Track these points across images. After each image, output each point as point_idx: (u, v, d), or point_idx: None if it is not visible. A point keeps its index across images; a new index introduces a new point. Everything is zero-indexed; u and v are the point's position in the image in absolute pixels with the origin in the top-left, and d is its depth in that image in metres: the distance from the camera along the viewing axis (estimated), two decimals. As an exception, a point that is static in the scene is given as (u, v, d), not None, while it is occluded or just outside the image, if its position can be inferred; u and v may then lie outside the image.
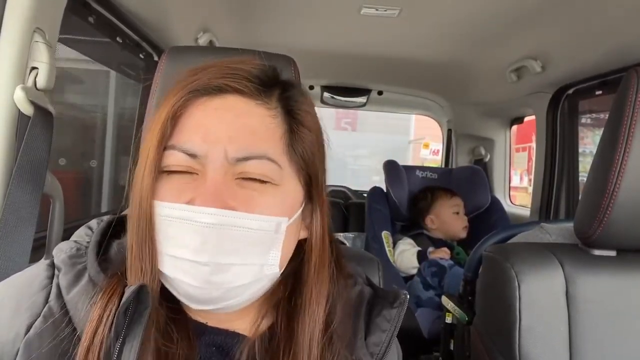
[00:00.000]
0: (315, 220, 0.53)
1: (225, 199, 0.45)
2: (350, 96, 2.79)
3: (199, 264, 0.44)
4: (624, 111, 0.81)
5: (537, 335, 0.85)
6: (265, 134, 0.48)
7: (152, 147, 0.46)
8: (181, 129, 0.47)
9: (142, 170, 0.47)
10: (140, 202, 0.46)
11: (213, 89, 0.48)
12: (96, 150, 1.70)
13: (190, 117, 0.47)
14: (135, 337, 0.42)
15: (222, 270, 0.45)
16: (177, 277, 0.45)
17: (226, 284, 0.46)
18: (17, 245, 0.79)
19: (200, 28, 1.62)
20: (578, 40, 1.54)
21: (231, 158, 0.46)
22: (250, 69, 0.50)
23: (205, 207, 0.44)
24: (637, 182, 0.81)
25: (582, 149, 2.03)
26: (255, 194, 0.47)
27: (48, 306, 0.46)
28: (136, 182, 0.47)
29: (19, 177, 0.80)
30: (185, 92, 0.47)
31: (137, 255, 0.46)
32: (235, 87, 0.48)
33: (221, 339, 0.50)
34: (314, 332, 0.50)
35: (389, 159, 2.35)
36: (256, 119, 0.48)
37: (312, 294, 0.51)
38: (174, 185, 0.46)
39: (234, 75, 0.48)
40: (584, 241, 0.93)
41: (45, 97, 0.88)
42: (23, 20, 0.82)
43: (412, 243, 2.12)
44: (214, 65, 0.50)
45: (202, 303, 0.47)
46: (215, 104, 0.48)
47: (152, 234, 0.46)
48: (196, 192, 0.45)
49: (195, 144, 0.46)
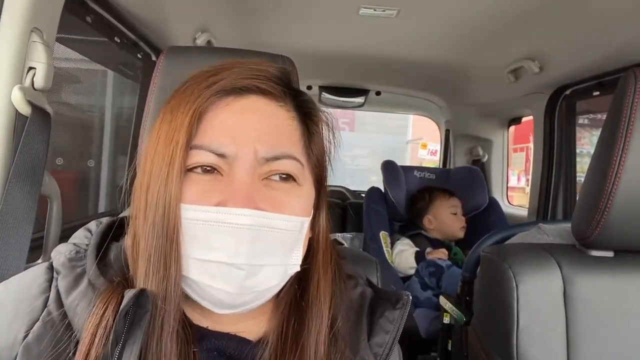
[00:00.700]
0: (321, 218, 0.54)
1: (255, 200, 0.45)
2: (348, 96, 2.80)
3: (234, 267, 0.44)
4: (621, 112, 0.81)
5: (535, 335, 0.85)
6: (288, 134, 0.49)
7: (177, 147, 0.45)
8: (207, 129, 0.46)
9: (164, 170, 0.45)
10: (164, 205, 0.44)
11: (240, 89, 0.48)
12: (94, 150, 1.69)
13: (216, 118, 0.47)
14: (135, 341, 0.41)
15: (255, 272, 0.45)
16: (205, 282, 0.45)
17: (257, 286, 0.46)
18: (14, 246, 0.79)
19: (198, 28, 1.62)
20: (576, 41, 1.54)
21: (261, 158, 0.46)
22: (272, 70, 0.51)
23: (240, 209, 0.44)
24: (635, 183, 0.81)
25: (579, 149, 2.04)
26: (281, 194, 0.47)
27: (47, 310, 0.46)
28: (154, 183, 0.45)
29: (17, 177, 0.80)
30: (211, 92, 0.47)
31: (158, 260, 0.44)
32: (262, 87, 0.49)
33: (223, 343, 0.50)
34: (321, 329, 0.50)
35: (387, 159, 2.35)
36: (279, 120, 0.49)
37: (318, 291, 0.51)
38: (198, 187, 0.45)
39: (259, 76, 0.49)
40: (582, 242, 0.93)
41: (42, 97, 0.88)
42: (20, 20, 0.82)
43: (410, 243, 2.13)
44: (237, 66, 0.50)
45: (229, 307, 0.47)
46: (241, 104, 0.48)
47: (178, 237, 0.44)
48: (224, 194, 0.45)
49: (224, 144, 0.46)
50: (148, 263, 0.45)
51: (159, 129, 0.48)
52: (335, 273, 0.55)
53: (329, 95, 2.76)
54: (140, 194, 0.47)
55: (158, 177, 0.45)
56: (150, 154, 0.47)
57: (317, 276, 0.52)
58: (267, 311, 0.53)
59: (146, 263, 0.45)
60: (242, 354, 0.50)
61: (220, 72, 0.49)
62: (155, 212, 0.45)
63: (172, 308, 0.44)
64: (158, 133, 0.48)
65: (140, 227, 0.46)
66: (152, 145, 0.48)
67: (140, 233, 0.46)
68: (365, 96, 2.80)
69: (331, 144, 0.56)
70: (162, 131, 0.47)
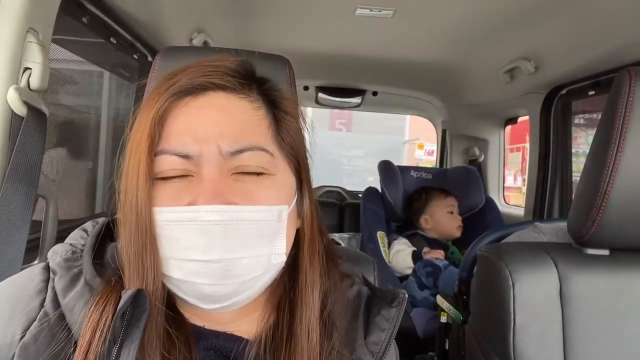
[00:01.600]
0: (305, 206, 0.54)
1: (225, 195, 0.45)
2: (345, 97, 2.80)
3: (210, 263, 0.44)
4: (616, 111, 0.82)
5: (532, 334, 0.86)
6: (253, 126, 0.49)
7: (142, 154, 0.46)
8: (169, 132, 0.47)
9: (134, 178, 0.46)
10: (136, 210, 0.45)
11: (196, 88, 0.48)
12: (90, 151, 1.69)
13: (176, 120, 0.47)
14: (132, 341, 0.42)
15: (234, 265, 0.45)
16: (189, 279, 0.45)
17: (239, 277, 0.46)
18: (10, 246, 0.78)
19: (194, 29, 1.62)
20: (571, 41, 1.55)
21: (225, 152, 0.46)
22: (229, 64, 0.50)
23: (209, 205, 0.44)
24: (630, 181, 0.82)
25: (575, 149, 2.05)
26: (253, 186, 0.47)
27: (44, 310, 0.46)
28: (129, 190, 0.46)
29: (12, 178, 0.80)
30: (168, 95, 0.47)
31: (137, 264, 0.45)
32: (218, 83, 0.48)
33: (219, 342, 0.50)
34: (311, 319, 0.50)
35: (384, 159, 2.35)
36: (241, 112, 0.49)
37: (306, 280, 0.51)
38: (171, 190, 0.46)
39: (214, 72, 0.49)
40: (578, 240, 0.93)
41: (38, 98, 0.88)
42: (16, 21, 0.82)
43: (407, 243, 2.13)
44: (193, 66, 0.50)
45: (216, 301, 0.47)
46: (199, 102, 0.48)
47: (152, 241, 0.45)
48: (195, 193, 0.45)
49: (186, 145, 0.46)
50: (128, 266, 0.45)
51: (131, 136, 0.49)
52: (324, 263, 0.54)
53: (325, 96, 2.76)
54: (121, 199, 0.48)
55: (130, 183, 0.46)
56: (126, 160, 0.48)
57: (304, 265, 0.52)
58: (261, 308, 0.53)
59: (127, 266, 0.46)
60: (238, 352, 0.50)
61: (177, 74, 0.49)
62: (130, 217, 0.46)
63: (154, 310, 0.44)
64: (130, 140, 0.48)
65: (121, 230, 0.47)
66: (128, 151, 0.48)
67: (123, 236, 0.47)
68: (362, 96, 2.81)
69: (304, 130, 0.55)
70: (131, 137, 0.48)
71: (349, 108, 3.01)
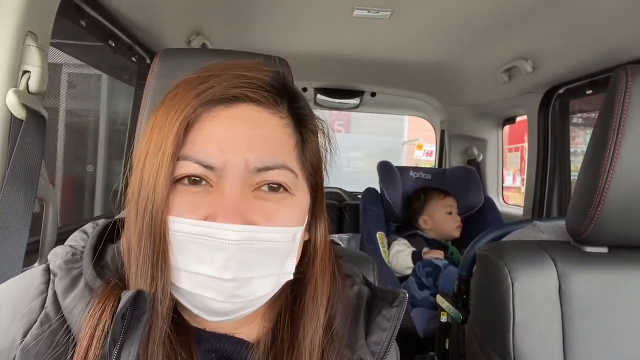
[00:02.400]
0: (318, 222, 0.54)
1: (245, 214, 0.44)
2: (343, 98, 2.80)
3: (223, 281, 0.44)
4: (613, 109, 0.82)
5: (531, 332, 0.86)
6: (281, 144, 0.48)
7: (164, 158, 0.44)
8: (195, 139, 0.45)
9: (152, 181, 0.45)
10: (151, 215, 0.44)
11: (230, 99, 0.46)
12: (89, 154, 1.69)
13: (204, 128, 0.46)
14: (132, 343, 0.41)
15: (246, 284, 0.45)
16: (198, 292, 0.45)
17: (248, 296, 0.46)
18: (10, 249, 0.78)
19: (193, 31, 1.62)
20: (568, 41, 1.55)
21: (252, 168, 0.45)
22: (264, 77, 0.49)
23: (229, 224, 0.43)
24: (628, 179, 0.82)
25: (574, 148, 2.05)
26: (273, 205, 0.46)
27: (44, 312, 0.46)
28: (144, 193, 0.45)
29: (12, 181, 0.80)
30: (198, 103, 0.46)
31: (146, 269, 0.44)
32: (252, 97, 0.47)
33: (221, 344, 0.50)
34: (316, 334, 0.50)
35: (383, 160, 2.35)
36: (271, 129, 0.48)
37: (315, 295, 0.51)
38: (188, 198, 0.45)
39: (249, 84, 0.47)
40: (576, 238, 0.94)
41: (37, 101, 0.88)
42: (14, 24, 0.82)
43: (407, 243, 2.13)
44: (226, 72, 0.48)
45: (222, 315, 0.47)
46: (230, 113, 0.46)
47: (165, 248, 0.44)
48: (214, 207, 0.44)
49: (212, 155, 0.45)
50: (136, 270, 0.45)
51: (149, 136, 0.47)
52: (332, 275, 0.54)
53: (324, 97, 2.77)
54: (132, 201, 0.47)
55: (147, 186, 0.45)
56: (141, 162, 0.47)
57: (315, 281, 0.52)
58: (264, 313, 0.53)
59: (135, 270, 0.45)
60: (239, 355, 0.50)
61: (208, 80, 0.47)
62: (143, 221, 0.45)
63: (159, 317, 0.44)
64: (148, 141, 0.47)
65: (131, 233, 0.46)
66: (143, 153, 0.47)
67: (131, 239, 0.46)
68: (360, 97, 2.81)
69: (327, 151, 0.55)
70: (152, 139, 0.47)
71: (348, 109, 3.01)
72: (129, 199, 0.48)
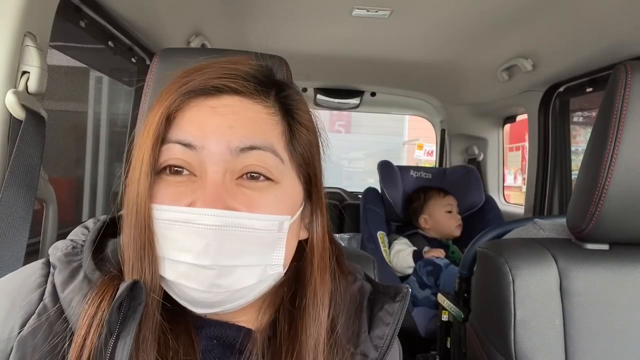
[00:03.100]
0: (316, 220, 0.53)
1: (226, 200, 0.44)
2: (344, 98, 2.80)
3: (202, 268, 0.44)
4: (613, 105, 0.82)
5: (532, 329, 0.86)
6: (265, 128, 0.48)
7: (146, 147, 0.45)
8: (175, 125, 0.46)
9: (137, 172, 0.46)
10: (136, 206, 0.45)
11: (210, 90, 0.47)
12: (89, 156, 1.69)
13: (185, 115, 0.47)
14: (128, 333, 0.42)
15: (227, 273, 0.44)
16: (180, 282, 0.45)
17: (231, 286, 0.45)
18: (10, 250, 0.79)
19: (192, 31, 1.62)
20: (568, 39, 1.55)
21: (235, 148, 0.45)
22: (246, 69, 0.49)
23: (207, 209, 0.43)
24: (628, 176, 0.82)
25: (575, 147, 2.05)
26: (256, 193, 0.46)
27: (43, 304, 0.46)
28: (131, 186, 0.46)
29: (12, 182, 0.80)
30: (180, 93, 0.46)
31: (136, 260, 0.45)
32: (233, 87, 0.47)
33: (222, 331, 0.50)
34: (319, 335, 0.50)
35: (383, 160, 2.35)
36: (255, 113, 0.48)
37: (315, 296, 0.51)
38: (172, 189, 0.45)
39: (230, 75, 0.47)
40: (577, 235, 0.94)
41: (37, 101, 0.88)
42: (13, 24, 0.82)
43: (408, 243, 2.13)
44: (209, 66, 0.48)
45: (207, 307, 0.47)
46: (212, 103, 0.47)
47: (151, 238, 0.45)
48: (196, 195, 0.44)
49: (190, 134, 0.45)
50: (128, 262, 0.45)
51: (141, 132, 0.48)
52: (333, 273, 0.54)
53: (324, 97, 2.77)
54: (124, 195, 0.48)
55: (132, 179, 0.46)
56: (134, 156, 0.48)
57: (314, 282, 0.51)
58: (265, 305, 0.53)
59: (127, 262, 0.45)
60: (241, 342, 0.50)
61: (192, 74, 0.48)
62: (131, 213, 0.45)
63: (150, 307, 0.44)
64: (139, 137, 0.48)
65: (125, 227, 0.47)
66: (136, 148, 0.48)
67: (124, 233, 0.47)
68: (360, 97, 2.81)
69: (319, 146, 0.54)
70: (141, 134, 0.48)
71: (348, 109, 3.01)
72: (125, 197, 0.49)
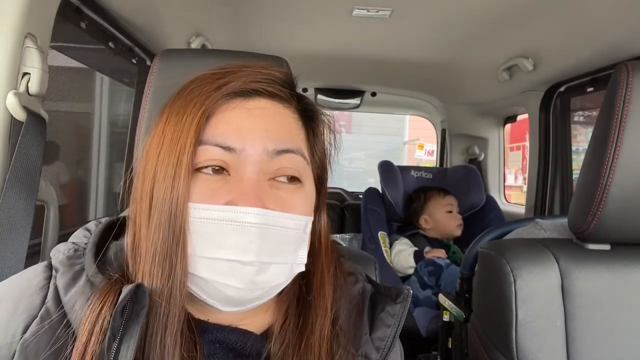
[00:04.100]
0: (321, 217, 0.56)
1: (263, 200, 0.46)
2: (344, 98, 2.80)
3: (243, 265, 0.45)
4: (614, 105, 0.82)
5: (534, 329, 0.86)
6: (295, 132, 0.51)
7: (184, 146, 0.46)
8: (213, 126, 0.47)
9: (169, 171, 0.45)
10: (170, 204, 0.45)
11: (249, 92, 0.49)
12: (88, 157, 1.69)
13: (223, 117, 0.48)
14: (132, 336, 0.41)
15: (265, 269, 0.46)
16: (216, 280, 0.45)
17: (267, 283, 0.47)
18: (11, 252, 0.78)
19: (192, 32, 1.62)
20: (569, 38, 1.55)
21: (271, 150, 0.47)
22: (277, 74, 0.52)
23: (250, 207, 0.45)
24: (629, 176, 0.82)
25: (575, 147, 2.05)
26: (287, 194, 0.49)
27: (45, 307, 0.46)
28: (160, 183, 0.46)
29: (13, 183, 0.80)
30: (220, 94, 0.48)
31: (163, 259, 0.44)
32: (270, 90, 0.50)
33: (224, 335, 0.50)
34: (324, 325, 0.51)
35: (384, 160, 2.35)
36: (285, 117, 0.51)
37: (322, 289, 0.53)
38: (207, 186, 0.46)
39: (267, 79, 0.50)
40: (578, 236, 0.93)
41: (37, 103, 0.88)
42: (14, 26, 0.82)
43: (409, 243, 2.13)
44: (244, 69, 0.51)
45: (238, 305, 0.48)
46: (249, 105, 0.49)
47: (185, 237, 0.45)
48: (232, 194, 0.46)
49: (231, 138, 0.47)
50: (152, 263, 0.45)
51: (163, 130, 0.48)
52: (336, 270, 0.56)
53: (324, 97, 2.77)
54: (142, 196, 0.47)
55: (164, 178, 0.46)
56: (153, 156, 0.48)
57: (321, 275, 0.53)
58: (269, 306, 0.54)
59: (150, 263, 0.45)
60: (244, 346, 0.50)
61: (227, 75, 0.50)
62: (161, 212, 0.45)
63: (177, 308, 0.44)
64: (163, 134, 0.48)
65: (142, 228, 0.47)
66: (156, 147, 0.48)
67: (142, 234, 0.46)
68: (360, 97, 2.81)
69: (332, 146, 0.57)
70: (167, 132, 0.48)
71: (348, 109, 3.01)
72: (134, 196, 0.49)
